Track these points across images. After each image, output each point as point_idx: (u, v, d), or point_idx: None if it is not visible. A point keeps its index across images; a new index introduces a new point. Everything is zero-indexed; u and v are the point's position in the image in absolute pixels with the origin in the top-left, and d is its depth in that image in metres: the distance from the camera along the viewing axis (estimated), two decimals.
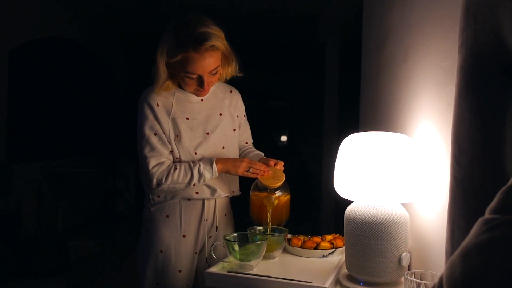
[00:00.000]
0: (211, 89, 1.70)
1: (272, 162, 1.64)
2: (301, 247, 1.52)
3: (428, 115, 1.23)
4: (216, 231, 1.69)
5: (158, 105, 1.59)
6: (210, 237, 1.68)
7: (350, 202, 1.30)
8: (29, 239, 3.71)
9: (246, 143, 1.85)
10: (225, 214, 1.74)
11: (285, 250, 1.56)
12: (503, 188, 0.51)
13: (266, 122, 9.10)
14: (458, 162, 0.77)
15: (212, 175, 1.56)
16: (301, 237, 1.58)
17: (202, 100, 1.67)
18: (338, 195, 1.30)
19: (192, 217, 1.64)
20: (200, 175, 1.54)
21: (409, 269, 1.28)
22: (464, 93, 0.76)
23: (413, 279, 0.97)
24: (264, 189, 1.61)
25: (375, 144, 1.20)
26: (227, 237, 1.38)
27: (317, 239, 1.57)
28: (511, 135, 0.69)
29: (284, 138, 9.15)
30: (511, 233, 0.45)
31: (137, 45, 6.50)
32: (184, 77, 1.54)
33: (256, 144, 1.90)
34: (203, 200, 1.64)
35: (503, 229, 0.46)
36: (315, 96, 7.77)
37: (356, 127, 2.31)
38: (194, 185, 1.55)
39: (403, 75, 1.51)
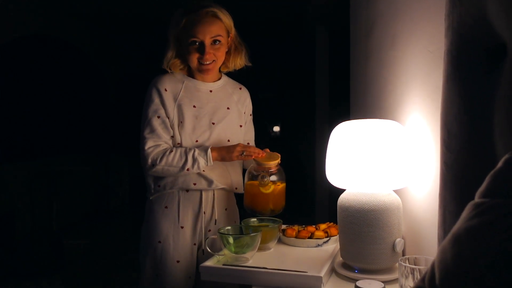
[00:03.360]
0: (221, 83, 1.74)
1: (266, 150, 1.66)
2: (296, 237, 1.52)
3: (417, 100, 1.23)
4: (215, 224, 1.69)
5: (166, 90, 1.63)
6: (209, 230, 1.69)
7: (343, 190, 1.31)
8: (23, 239, 3.70)
9: (248, 143, 1.85)
10: (226, 209, 1.74)
11: (279, 241, 1.56)
12: (492, 172, 0.51)
13: (257, 113, 9.09)
14: (447, 147, 0.77)
15: (207, 162, 1.57)
16: (296, 227, 1.58)
17: (211, 91, 1.70)
18: (331, 184, 1.30)
19: (190, 209, 1.65)
20: (194, 160, 1.55)
21: (403, 254, 1.29)
22: (452, 77, 0.76)
23: (407, 264, 0.98)
24: (262, 176, 1.61)
25: (365, 131, 1.20)
26: (221, 230, 1.38)
27: (311, 228, 1.57)
28: (499, 118, 0.69)
29: (276, 129, 9.15)
30: (500, 216, 0.45)
31: (126, 42, 6.44)
32: (188, 47, 1.59)
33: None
34: (201, 191, 1.65)
35: (492, 213, 0.46)
36: (306, 86, 7.77)
37: (347, 115, 2.31)
38: (188, 170, 1.56)
39: (391, 61, 1.51)
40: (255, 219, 1.57)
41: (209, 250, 1.42)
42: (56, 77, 5.25)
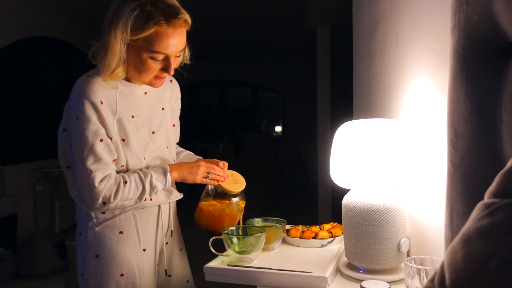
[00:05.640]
0: None
1: (221, 163, 1.47)
2: (300, 237, 1.52)
3: (422, 100, 1.22)
4: (171, 236, 1.51)
5: (102, 102, 1.27)
6: (167, 243, 1.50)
7: (347, 190, 1.30)
8: (26, 241, 3.70)
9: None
10: (177, 216, 1.56)
11: (284, 241, 1.56)
12: (502, 171, 0.50)
13: (259, 113, 9.10)
14: (454, 146, 0.76)
15: (165, 186, 1.35)
16: (300, 228, 1.58)
17: (145, 93, 1.40)
18: (335, 183, 1.30)
19: (149, 226, 1.41)
20: (152, 187, 1.31)
21: (408, 255, 1.28)
22: (458, 76, 0.75)
23: (413, 265, 0.97)
24: (222, 195, 1.47)
25: (370, 131, 1.19)
26: (226, 231, 1.37)
27: (315, 228, 1.56)
28: (507, 117, 0.68)
29: (278, 129, 9.16)
30: None
31: None
32: (146, 60, 1.26)
33: (249, 137, 1.87)
34: (159, 204, 1.43)
35: (504, 213, 0.46)
36: (308, 85, 7.77)
37: (350, 115, 2.30)
38: (145, 199, 1.33)
39: (395, 61, 1.50)
40: (259, 219, 1.57)
41: (213, 250, 1.41)
42: (56, 78, 5.26)
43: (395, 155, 1.16)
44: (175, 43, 1.26)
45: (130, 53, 1.27)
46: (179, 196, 1.49)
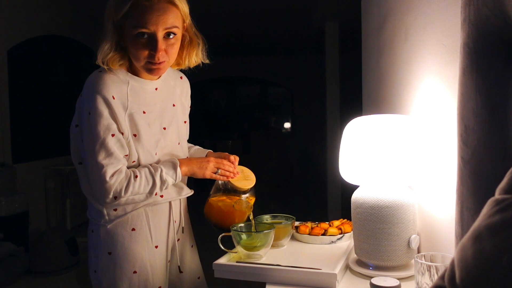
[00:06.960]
0: (163, 76, 1.44)
1: (231, 157, 1.46)
2: (309, 234, 1.52)
3: (432, 95, 1.21)
4: (183, 232, 1.51)
5: (113, 97, 1.27)
6: (178, 239, 1.49)
7: (357, 186, 1.29)
8: (38, 238, 3.74)
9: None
10: (188, 212, 1.57)
11: (293, 238, 1.56)
12: None
13: (268, 110, 9.10)
14: (465, 142, 0.75)
15: (175, 180, 1.34)
16: (309, 224, 1.58)
17: (156, 89, 1.41)
18: (344, 180, 1.29)
19: (161, 223, 1.41)
20: (163, 182, 1.31)
21: (418, 251, 1.28)
22: (469, 71, 0.74)
23: (423, 261, 0.96)
24: (232, 190, 1.46)
25: (379, 127, 1.18)
26: (235, 227, 1.37)
27: (324, 225, 1.56)
28: None
29: (287, 125, 9.14)
30: None
31: None
32: (133, 40, 1.25)
33: (258, 134, 1.87)
34: (170, 201, 1.44)
35: None
36: (317, 82, 7.74)
37: (359, 111, 2.29)
38: (156, 194, 1.33)
39: (405, 56, 1.49)
40: (268, 216, 1.57)
41: (222, 247, 1.41)
42: (69, 77, 5.30)
43: (404, 151, 1.15)
44: (157, 18, 1.23)
45: (124, 39, 1.28)
46: (189, 192, 1.48)
